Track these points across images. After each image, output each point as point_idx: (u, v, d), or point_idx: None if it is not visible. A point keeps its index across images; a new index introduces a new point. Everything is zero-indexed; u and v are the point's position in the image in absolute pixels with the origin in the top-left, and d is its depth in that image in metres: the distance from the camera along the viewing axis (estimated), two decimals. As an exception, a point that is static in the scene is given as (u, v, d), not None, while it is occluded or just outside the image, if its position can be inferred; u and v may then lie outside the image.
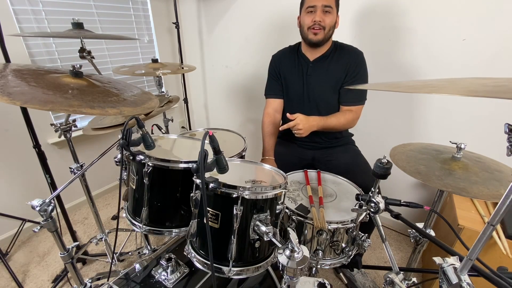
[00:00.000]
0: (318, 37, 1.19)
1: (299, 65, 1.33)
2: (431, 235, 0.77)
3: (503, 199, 0.44)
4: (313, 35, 1.19)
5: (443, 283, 0.55)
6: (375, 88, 0.62)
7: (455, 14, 1.29)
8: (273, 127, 1.38)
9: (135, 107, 0.77)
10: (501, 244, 1.04)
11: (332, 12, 1.16)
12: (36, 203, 0.78)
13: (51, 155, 1.42)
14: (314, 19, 1.16)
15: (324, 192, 1.06)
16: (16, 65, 0.79)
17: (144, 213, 0.87)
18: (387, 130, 1.67)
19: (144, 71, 1.36)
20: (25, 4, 1.49)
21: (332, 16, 1.17)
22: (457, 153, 0.81)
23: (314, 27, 1.17)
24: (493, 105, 1.32)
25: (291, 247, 0.64)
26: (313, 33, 1.19)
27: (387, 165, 0.71)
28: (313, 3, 1.15)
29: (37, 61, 1.60)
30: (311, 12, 1.17)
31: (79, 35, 1.09)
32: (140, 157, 0.83)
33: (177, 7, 2.07)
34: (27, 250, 1.63)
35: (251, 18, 1.94)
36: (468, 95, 0.42)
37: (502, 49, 1.23)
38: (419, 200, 1.71)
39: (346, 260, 0.96)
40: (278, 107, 1.41)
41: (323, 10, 1.15)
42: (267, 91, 1.44)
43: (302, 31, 1.24)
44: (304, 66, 1.32)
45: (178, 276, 0.91)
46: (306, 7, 1.18)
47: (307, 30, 1.20)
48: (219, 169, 0.69)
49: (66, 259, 0.92)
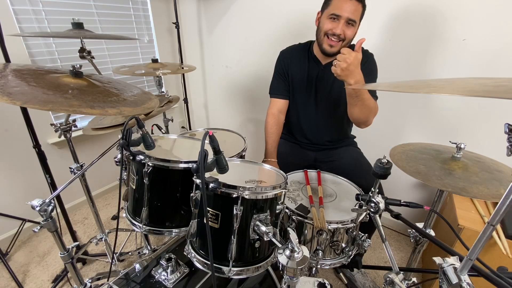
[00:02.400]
0: (333, 50, 1.13)
1: (310, 68, 1.28)
2: (431, 235, 0.77)
3: (503, 199, 0.44)
4: (328, 46, 1.13)
5: (443, 283, 0.55)
6: (375, 88, 0.62)
7: (455, 14, 1.29)
8: (277, 128, 1.35)
9: (135, 107, 0.77)
10: (501, 244, 1.04)
11: (355, 26, 1.09)
12: (36, 203, 0.78)
13: (51, 155, 1.42)
14: (335, 31, 1.08)
15: (324, 192, 1.06)
16: (16, 65, 0.79)
17: (144, 213, 0.87)
18: (387, 130, 1.67)
19: (144, 71, 1.36)
20: (25, 4, 1.49)
21: (354, 29, 1.10)
22: (457, 153, 0.81)
23: (333, 38, 1.10)
24: (493, 105, 1.32)
25: (291, 247, 0.64)
26: (329, 44, 1.12)
27: (387, 165, 0.71)
28: (339, 13, 1.06)
29: (37, 61, 1.60)
30: (333, 19, 1.08)
31: (79, 35, 1.09)
32: (140, 157, 0.83)
33: (177, 7, 2.07)
34: (27, 250, 1.63)
35: (251, 18, 1.94)
36: (468, 95, 0.42)
37: (502, 49, 1.23)
38: (419, 200, 1.71)
39: (346, 260, 0.96)
40: (283, 107, 1.36)
41: (347, 23, 1.07)
42: (273, 90, 1.37)
43: (319, 34, 1.16)
44: (315, 69, 1.27)
45: (178, 276, 0.91)
46: (329, 13, 1.08)
47: (324, 36, 1.13)
48: (219, 169, 0.69)
49: (66, 259, 0.92)
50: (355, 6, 1.05)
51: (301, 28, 1.74)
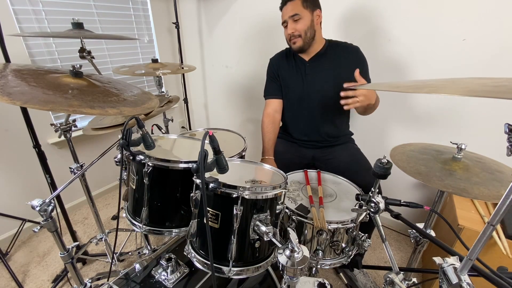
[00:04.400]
0: (297, 45, 1.26)
1: (297, 66, 1.36)
2: (431, 235, 0.77)
3: (503, 199, 0.44)
4: (293, 45, 1.27)
5: (443, 283, 0.55)
6: (375, 88, 0.62)
7: (455, 14, 1.29)
8: (273, 126, 1.40)
9: (135, 107, 0.77)
10: (501, 244, 1.04)
11: (302, 16, 1.19)
12: (36, 203, 0.78)
13: (51, 155, 1.42)
14: (288, 32, 1.25)
15: (324, 192, 1.06)
16: (16, 65, 0.79)
17: (144, 213, 0.87)
18: (387, 130, 1.67)
19: (144, 71, 1.36)
20: (25, 4, 1.49)
21: (304, 20, 1.20)
22: (458, 153, 0.81)
23: (291, 38, 1.25)
24: (493, 105, 1.31)
25: (291, 247, 0.64)
26: (293, 43, 1.26)
27: (387, 165, 0.71)
28: (283, 19, 1.25)
29: (37, 61, 1.60)
30: (286, 27, 1.26)
31: (79, 35, 1.09)
32: (140, 157, 0.83)
33: (177, 7, 2.07)
34: (27, 250, 1.63)
35: (251, 18, 1.94)
36: (468, 95, 0.42)
37: (502, 49, 1.23)
38: (419, 200, 1.71)
39: (346, 260, 0.96)
40: (277, 107, 1.43)
41: (293, 20, 1.21)
42: (267, 92, 1.47)
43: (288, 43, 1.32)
44: (301, 67, 1.35)
45: (178, 276, 0.91)
46: (282, 24, 1.28)
47: (289, 41, 1.29)
48: (219, 169, 0.69)
49: (66, 259, 0.92)
50: (291, 5, 1.20)
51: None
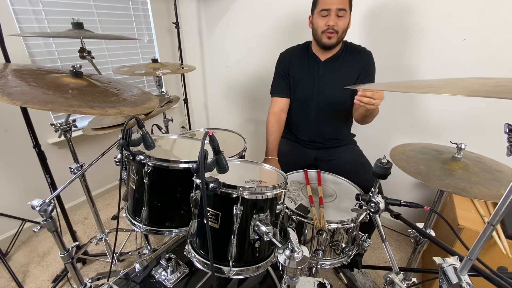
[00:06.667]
0: (331, 41, 1.18)
1: (310, 65, 1.31)
2: (431, 235, 0.77)
3: (503, 199, 0.44)
4: (327, 39, 1.18)
5: (443, 283, 0.55)
6: (375, 88, 0.62)
7: (455, 14, 1.29)
8: (279, 126, 1.37)
9: (135, 107, 0.77)
10: (501, 244, 1.04)
11: (345, 15, 1.14)
12: (36, 203, 0.78)
13: (51, 155, 1.42)
14: (328, 23, 1.14)
15: (324, 192, 1.06)
16: (16, 65, 0.79)
17: (144, 213, 0.87)
18: (387, 130, 1.66)
19: (144, 71, 1.36)
20: (25, 4, 1.49)
21: (345, 19, 1.15)
22: (458, 153, 0.81)
23: (328, 31, 1.16)
24: (493, 105, 1.31)
25: (291, 247, 0.64)
26: (327, 37, 1.18)
27: (387, 165, 0.71)
28: (327, 7, 1.13)
29: (37, 61, 1.60)
30: (324, 16, 1.15)
31: (79, 35, 1.09)
32: (140, 157, 0.83)
33: (177, 7, 2.07)
34: (27, 250, 1.63)
35: (251, 18, 1.94)
36: (468, 95, 0.42)
37: (502, 49, 1.23)
38: (419, 200, 1.71)
39: (346, 260, 0.96)
40: (284, 106, 1.39)
41: (337, 14, 1.13)
42: (274, 90, 1.41)
43: (315, 33, 1.22)
44: (315, 66, 1.30)
45: (178, 276, 0.91)
46: (319, 10, 1.15)
47: (321, 33, 1.19)
48: (219, 169, 0.69)
49: (66, 259, 0.92)
50: None
51: (301, 28, 1.74)
